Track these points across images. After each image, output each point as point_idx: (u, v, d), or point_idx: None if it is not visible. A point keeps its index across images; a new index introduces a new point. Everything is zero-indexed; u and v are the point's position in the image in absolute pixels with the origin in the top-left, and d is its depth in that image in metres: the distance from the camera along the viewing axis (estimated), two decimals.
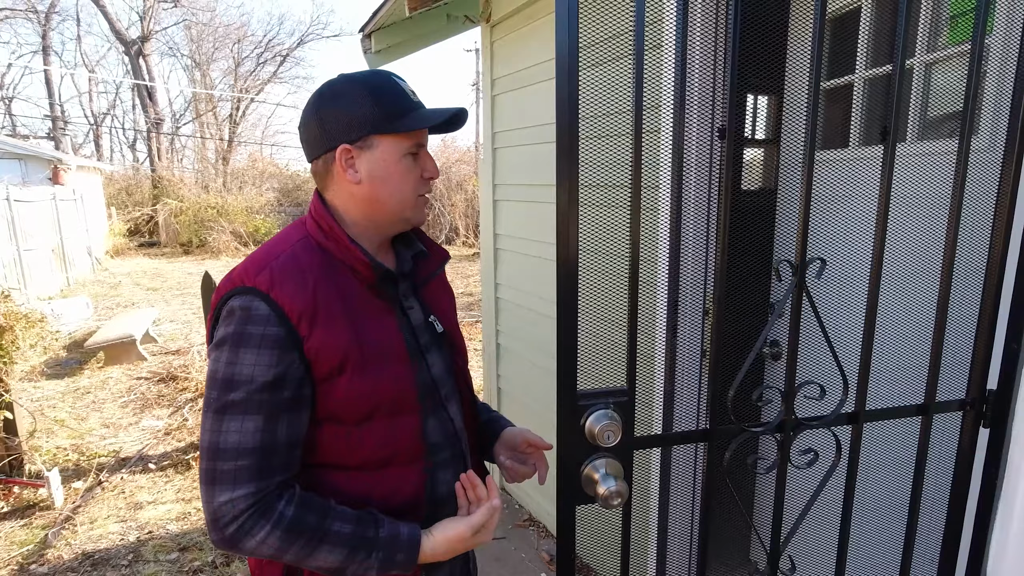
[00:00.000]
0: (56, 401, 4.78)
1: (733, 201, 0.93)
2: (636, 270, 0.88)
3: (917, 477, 1.04)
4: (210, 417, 0.81)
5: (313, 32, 27.91)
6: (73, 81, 22.62)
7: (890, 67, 1.46)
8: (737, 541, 2.24)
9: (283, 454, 0.83)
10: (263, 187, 16.98)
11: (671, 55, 1.62)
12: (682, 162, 1.28)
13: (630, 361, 0.86)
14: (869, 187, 1.43)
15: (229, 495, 0.79)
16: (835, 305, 1.32)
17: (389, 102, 0.88)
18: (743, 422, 0.95)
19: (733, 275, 1.78)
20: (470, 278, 10.37)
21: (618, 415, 0.86)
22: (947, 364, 1.17)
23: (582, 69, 0.79)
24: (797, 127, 1.68)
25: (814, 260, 0.93)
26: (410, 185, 0.92)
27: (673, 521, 1.85)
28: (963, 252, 1.14)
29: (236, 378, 0.80)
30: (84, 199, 11.95)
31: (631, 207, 0.86)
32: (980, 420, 1.03)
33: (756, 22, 1.80)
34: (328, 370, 0.83)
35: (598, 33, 1.94)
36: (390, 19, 2.87)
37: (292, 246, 0.88)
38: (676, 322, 1.73)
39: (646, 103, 1.74)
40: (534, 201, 2.50)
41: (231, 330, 0.81)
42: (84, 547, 2.80)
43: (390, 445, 0.88)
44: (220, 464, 0.80)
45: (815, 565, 1.26)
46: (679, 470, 1.81)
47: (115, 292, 9.76)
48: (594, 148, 1.85)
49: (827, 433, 1.00)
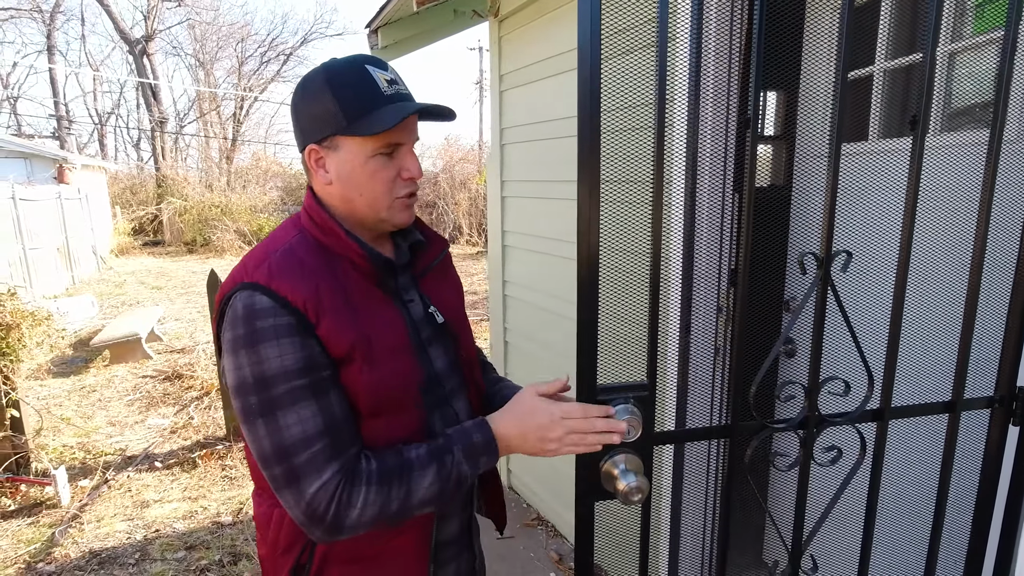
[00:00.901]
0: (62, 399, 4.78)
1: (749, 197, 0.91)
2: (657, 264, 0.86)
3: (944, 475, 1.01)
4: (259, 424, 0.77)
5: (317, 31, 27.93)
6: (78, 80, 22.74)
7: (912, 58, 1.43)
8: (748, 542, 2.22)
9: (348, 427, 0.81)
10: (267, 186, 17.01)
11: (686, 47, 1.59)
12: (696, 157, 1.26)
13: (651, 355, 0.84)
14: (891, 180, 1.40)
15: (319, 481, 0.77)
16: (858, 301, 1.29)
17: (350, 98, 0.81)
18: (763, 419, 0.92)
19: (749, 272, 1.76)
20: (474, 276, 10.35)
21: (639, 410, 0.84)
22: (975, 360, 1.15)
23: (604, 60, 0.77)
24: (815, 121, 1.65)
25: (840, 253, 0.91)
26: (381, 186, 0.86)
27: (686, 520, 1.83)
28: (991, 245, 1.11)
29: (268, 374, 0.77)
30: (89, 198, 11.98)
31: (653, 203, 0.84)
32: (1010, 418, 1.01)
33: (770, 16, 1.78)
34: (341, 355, 0.81)
35: (621, 21, 1.91)
36: (397, 15, 2.85)
37: (289, 241, 0.85)
38: (690, 321, 1.71)
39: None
40: (543, 197, 2.48)
41: (240, 332, 0.78)
42: (91, 545, 2.79)
43: (394, 442, 0.85)
44: (295, 460, 0.77)
45: (837, 565, 1.24)
46: (691, 468, 1.79)
47: (120, 291, 9.77)
48: (613, 142, 1.82)
49: (849, 431, 0.97)
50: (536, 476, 2.85)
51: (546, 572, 2.42)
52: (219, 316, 0.83)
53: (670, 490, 1.47)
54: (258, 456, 0.79)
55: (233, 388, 0.79)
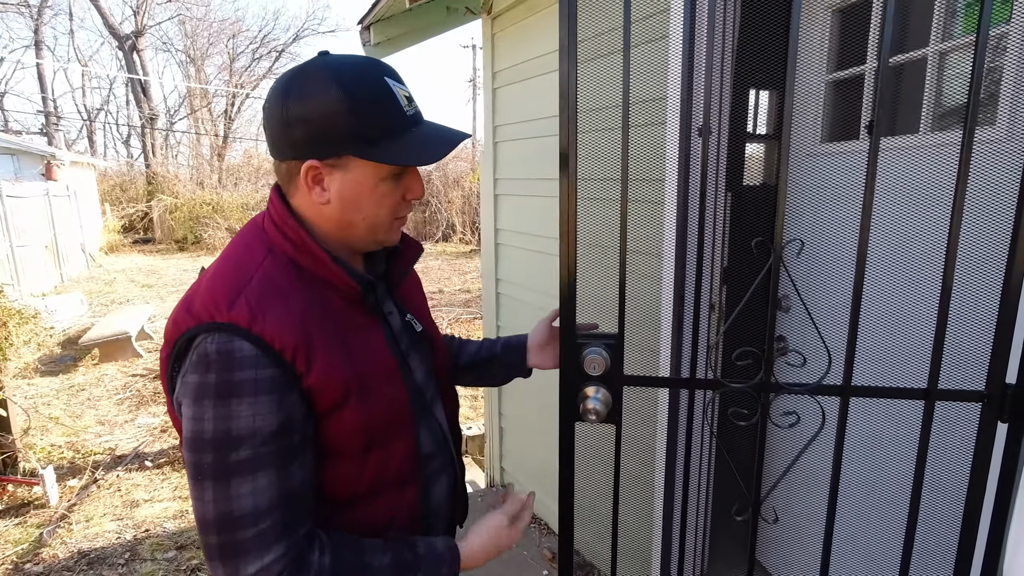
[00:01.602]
0: (50, 398, 4.73)
1: (737, 194, 0.95)
2: (624, 239, 0.90)
3: (919, 465, 1.06)
4: (209, 486, 0.68)
5: (309, 27, 27.64)
6: (66, 76, 22.49)
7: (904, 57, 1.44)
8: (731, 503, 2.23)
9: (303, 501, 0.73)
10: (259, 183, 16.90)
11: (677, 46, 1.59)
12: (690, 151, 1.26)
13: (620, 314, 1.03)
14: (884, 176, 1.41)
15: (259, 564, 0.69)
16: (840, 290, 1.31)
17: (375, 117, 0.72)
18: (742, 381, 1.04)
19: (738, 269, 1.77)
20: (467, 275, 10.34)
21: (607, 353, 1.04)
22: (970, 355, 1.17)
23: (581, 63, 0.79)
24: (802, 121, 1.66)
25: (793, 240, 1.15)
26: (387, 209, 0.79)
27: (679, 466, 1.84)
28: (985, 242, 1.13)
29: (235, 434, 0.68)
30: (78, 195, 11.85)
31: (621, 167, 0.94)
32: (998, 414, 1.01)
33: (757, 18, 1.78)
34: (332, 404, 0.73)
35: (597, 27, 1.91)
36: (389, 11, 2.83)
37: (261, 264, 0.74)
38: (682, 314, 1.71)
39: (652, 96, 1.72)
40: (537, 195, 2.47)
41: (212, 379, 0.67)
42: (80, 545, 2.77)
43: (388, 469, 0.81)
44: (240, 534, 0.68)
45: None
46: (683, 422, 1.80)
47: (110, 289, 9.69)
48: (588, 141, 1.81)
49: (831, 403, 1.06)
50: (528, 474, 2.85)
51: (539, 570, 2.43)
52: (172, 352, 0.72)
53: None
54: (198, 518, 0.70)
55: (188, 439, 0.69)
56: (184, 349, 0.71)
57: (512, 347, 1.11)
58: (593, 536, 2.32)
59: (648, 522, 1.96)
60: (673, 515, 1.76)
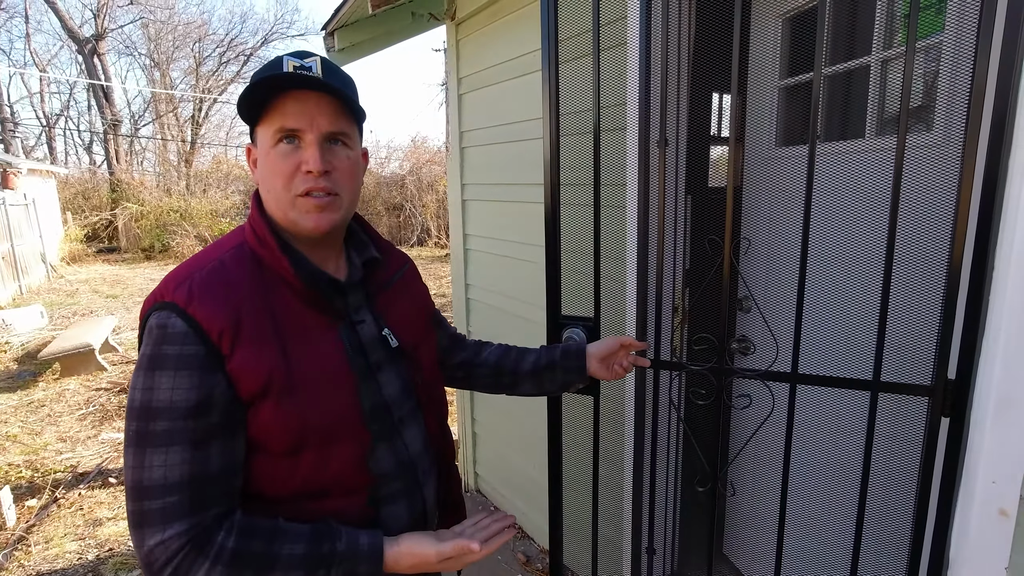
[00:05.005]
0: (8, 416, 4.56)
1: (699, 198, 0.99)
2: (598, 232, 1.09)
3: (867, 452, 1.11)
4: (131, 452, 0.72)
5: (277, 31, 27.15)
6: (23, 81, 21.77)
7: (844, 66, 1.49)
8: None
9: (219, 484, 0.74)
10: (228, 190, 16.55)
11: (635, 52, 1.62)
12: (649, 158, 1.29)
13: (596, 300, 1.22)
14: (836, 178, 1.45)
15: (160, 536, 0.70)
16: (822, 287, 1.39)
17: (254, 82, 0.77)
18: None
19: (700, 271, 1.79)
20: (443, 279, 10.30)
21: (585, 333, 1.25)
22: (922, 351, 1.22)
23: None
24: (760, 124, 1.70)
25: (743, 239, 1.25)
26: (280, 180, 0.78)
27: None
28: (929, 243, 1.17)
29: (154, 405, 0.71)
30: (36, 203, 11.46)
31: (594, 173, 1.10)
32: (942, 409, 1.05)
33: (715, 22, 1.82)
34: (250, 395, 0.75)
35: (562, 33, 1.93)
36: (353, 16, 2.82)
37: (222, 256, 0.79)
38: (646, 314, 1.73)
39: (615, 100, 1.74)
40: (504, 200, 2.48)
41: (147, 351, 0.73)
42: (39, 568, 2.67)
43: (324, 477, 0.80)
44: (147, 504, 0.71)
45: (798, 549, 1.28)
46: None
47: (72, 300, 9.38)
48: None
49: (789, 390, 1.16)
50: (502, 479, 2.85)
51: (513, 574, 2.43)
52: (141, 330, 0.79)
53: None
54: (124, 484, 0.75)
55: (127, 407, 0.75)
56: (143, 325, 0.77)
57: (571, 354, 1.12)
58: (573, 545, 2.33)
59: (619, 495, 1.96)
60: (643, 485, 1.78)
